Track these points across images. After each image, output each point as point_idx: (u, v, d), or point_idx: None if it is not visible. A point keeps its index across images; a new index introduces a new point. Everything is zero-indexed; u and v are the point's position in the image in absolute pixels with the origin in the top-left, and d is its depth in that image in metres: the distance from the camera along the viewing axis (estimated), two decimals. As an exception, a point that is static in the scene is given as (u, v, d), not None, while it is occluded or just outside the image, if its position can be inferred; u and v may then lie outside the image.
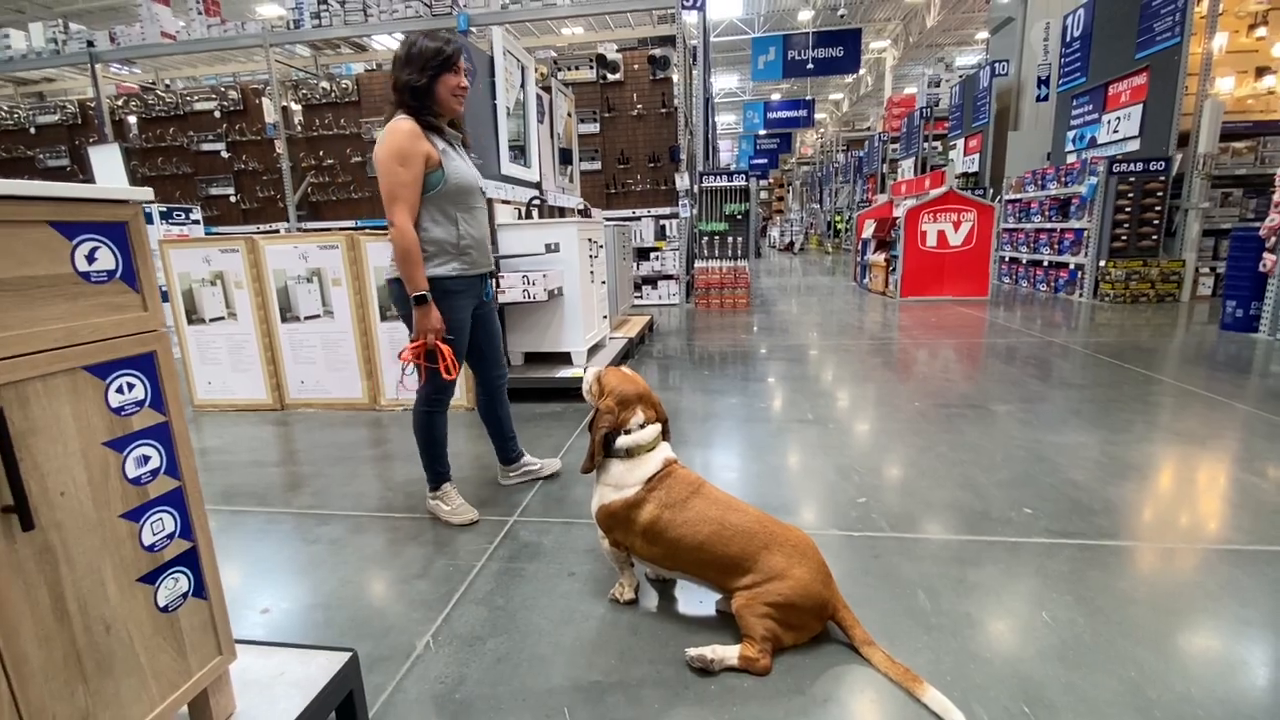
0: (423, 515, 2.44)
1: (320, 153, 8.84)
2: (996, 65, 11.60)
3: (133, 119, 9.23)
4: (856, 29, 15.23)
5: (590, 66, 8.12)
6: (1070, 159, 8.77)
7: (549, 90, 5.11)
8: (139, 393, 0.99)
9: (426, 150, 2.08)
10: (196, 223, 7.04)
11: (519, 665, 1.58)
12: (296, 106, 8.84)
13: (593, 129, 8.24)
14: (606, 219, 5.83)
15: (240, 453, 3.27)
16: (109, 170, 7.87)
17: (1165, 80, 7.05)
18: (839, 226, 20.97)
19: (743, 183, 7.76)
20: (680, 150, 8.06)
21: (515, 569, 2.04)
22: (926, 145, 14.72)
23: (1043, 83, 10.48)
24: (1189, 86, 6.97)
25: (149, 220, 6.04)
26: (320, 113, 8.73)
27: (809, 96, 23.14)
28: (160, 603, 1.02)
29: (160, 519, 1.02)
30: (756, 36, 16.29)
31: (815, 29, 15.48)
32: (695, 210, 7.98)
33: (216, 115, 8.98)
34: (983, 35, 17.16)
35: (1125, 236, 7.26)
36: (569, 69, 8.16)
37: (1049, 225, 8.44)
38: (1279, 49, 7.49)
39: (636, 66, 8.12)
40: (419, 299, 2.08)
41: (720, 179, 7.78)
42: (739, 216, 7.79)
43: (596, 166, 8.37)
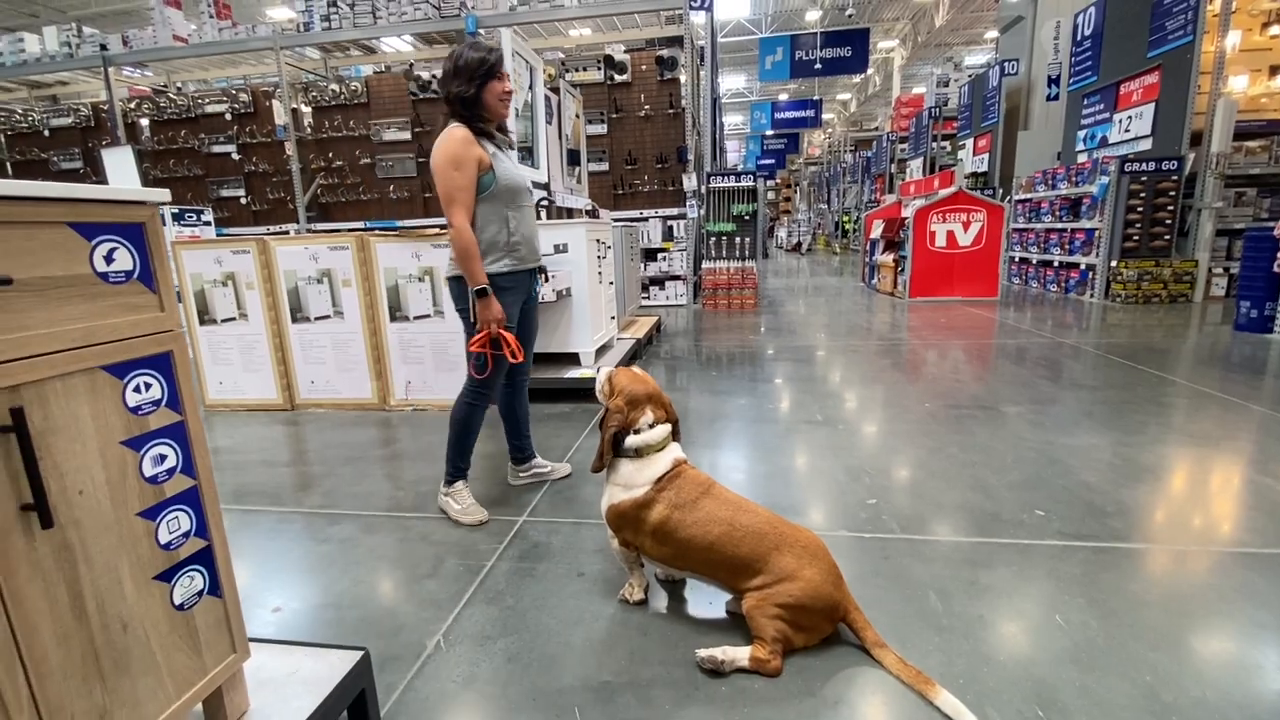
0: (432, 515, 2.45)
1: (330, 154, 8.89)
2: (1006, 64, 11.53)
3: (145, 121, 9.32)
4: (864, 29, 15.19)
5: (598, 67, 8.13)
6: (1081, 158, 8.71)
7: (557, 91, 5.12)
8: (156, 392, 1.00)
9: (479, 155, 2.21)
10: (208, 224, 7.10)
11: (529, 665, 1.59)
12: (306, 109, 8.89)
13: (600, 130, 8.25)
14: (614, 220, 5.84)
15: (251, 452, 3.30)
16: (122, 172, 7.95)
17: (1178, 79, 7.00)
18: (847, 227, 20.91)
19: (750, 183, 7.75)
20: (688, 151, 8.06)
21: (525, 569, 2.04)
22: (935, 145, 14.64)
23: (1053, 82, 10.41)
24: (1202, 85, 6.91)
25: (161, 222, 6.10)
26: (330, 115, 8.79)
27: (816, 96, 23.08)
28: (176, 601, 1.03)
29: (176, 517, 1.03)
30: (764, 37, 16.28)
31: (823, 29, 15.45)
32: (703, 211, 7.98)
33: (227, 117, 9.06)
34: (992, 34, 17.06)
35: (1137, 236, 7.20)
36: (577, 70, 8.18)
37: (1059, 225, 8.38)
38: (1293, 47, 7.41)
39: (644, 67, 8.13)
40: (480, 292, 2.21)
41: (728, 179, 7.77)
42: (746, 217, 7.78)
43: (604, 167, 8.38)
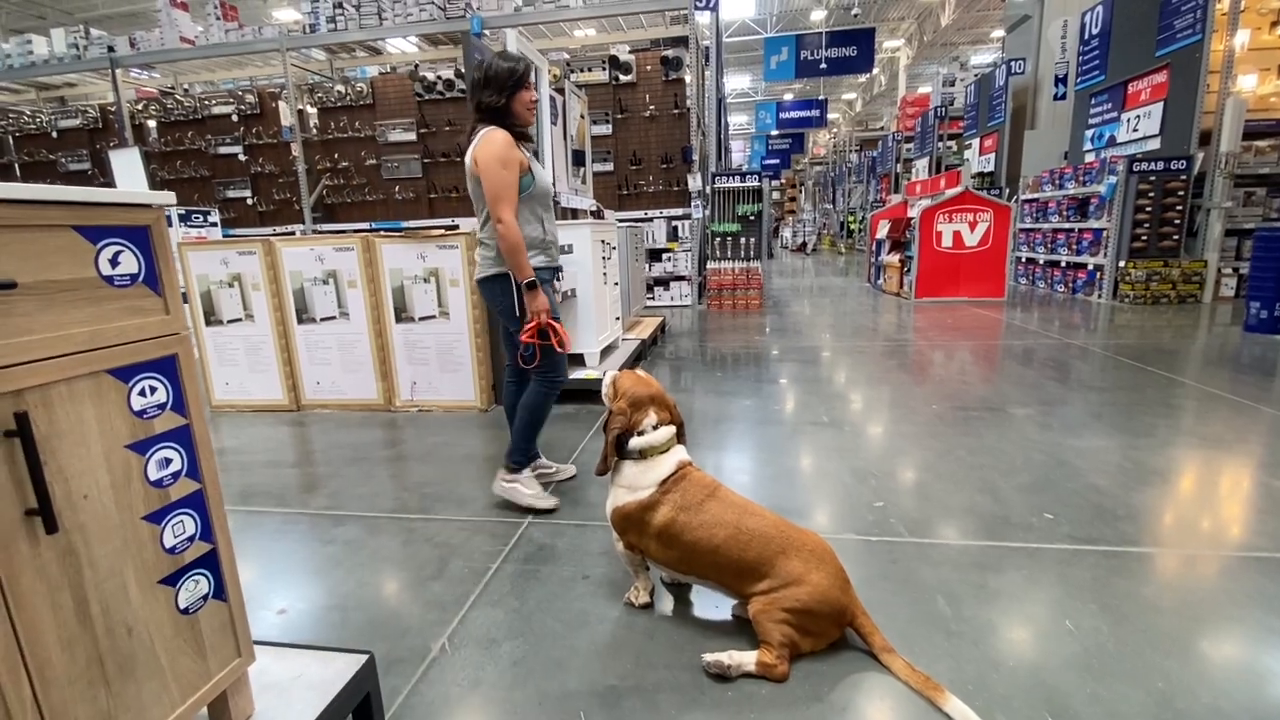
0: (437, 516, 2.44)
1: (335, 155, 8.92)
2: (1013, 64, 11.47)
3: (152, 123, 9.37)
4: (870, 28, 15.13)
5: (603, 68, 8.12)
6: (1089, 158, 8.66)
7: (562, 92, 5.11)
8: (161, 396, 0.99)
9: (520, 157, 2.31)
10: (214, 225, 7.13)
11: (535, 669, 1.58)
12: (312, 110, 8.92)
13: (605, 130, 8.24)
14: (619, 220, 5.83)
15: (257, 453, 3.30)
16: (129, 173, 7.99)
17: (1186, 78, 6.95)
18: (852, 227, 20.85)
19: (755, 183, 7.73)
20: (693, 151, 8.04)
21: (530, 571, 2.04)
22: (941, 145, 14.60)
23: (1060, 81, 10.35)
24: (1211, 84, 6.86)
25: (168, 223, 6.12)
26: (335, 116, 8.81)
27: (822, 96, 23.01)
28: (181, 605, 1.02)
29: (181, 521, 1.02)
30: (769, 36, 16.24)
31: (828, 29, 15.39)
32: (708, 211, 7.96)
33: (234, 119, 9.10)
34: (998, 34, 16.98)
35: (1146, 236, 7.15)
36: (582, 70, 8.17)
37: (1067, 225, 8.34)
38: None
39: (649, 68, 8.12)
40: (530, 285, 2.28)
41: (733, 180, 7.76)
42: (751, 217, 7.76)
43: (609, 168, 8.37)
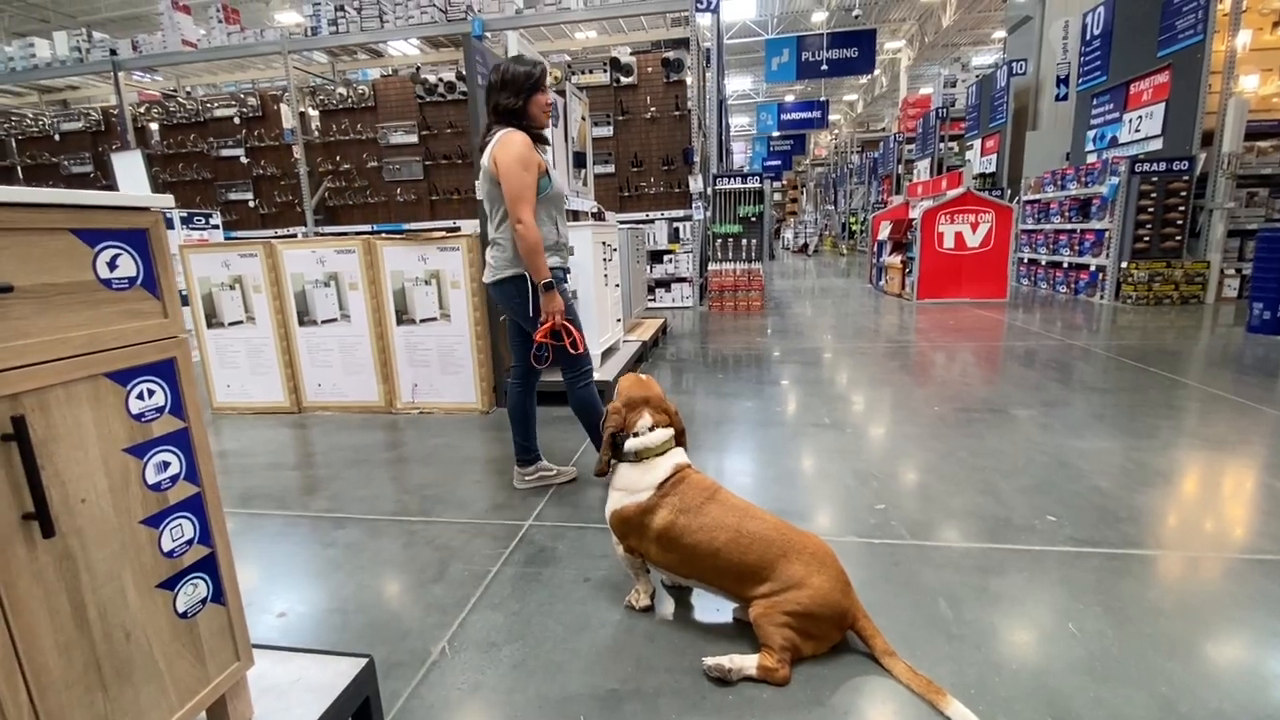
0: (439, 519, 2.44)
1: (337, 157, 8.94)
2: (1014, 64, 11.47)
3: (154, 125, 9.39)
4: (871, 30, 15.13)
5: (604, 70, 8.13)
6: (1090, 159, 8.64)
7: (563, 94, 5.11)
8: (159, 399, 0.99)
9: (539, 159, 2.34)
10: (216, 227, 7.14)
11: (534, 672, 1.57)
12: (314, 112, 8.94)
13: (607, 132, 8.25)
14: (620, 222, 5.83)
15: (258, 455, 3.30)
16: (131, 176, 8.00)
17: (1188, 78, 6.93)
18: (854, 228, 20.85)
19: (757, 185, 7.72)
20: (694, 153, 8.04)
21: (530, 574, 2.03)
22: (943, 146, 14.59)
23: (1062, 82, 10.34)
24: (1212, 85, 6.85)
25: (170, 225, 6.13)
26: (337, 118, 8.83)
27: (823, 98, 23.01)
28: (179, 609, 1.02)
29: (180, 525, 1.02)
30: (770, 38, 16.24)
31: (829, 30, 15.40)
32: (709, 213, 7.96)
33: (236, 121, 9.12)
34: (999, 34, 16.98)
35: (1148, 237, 7.14)
36: (583, 72, 8.18)
37: (1069, 226, 8.32)
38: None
39: (650, 69, 8.12)
40: (547, 285, 2.31)
41: (734, 181, 7.75)
42: (753, 219, 7.76)
43: (610, 169, 8.37)
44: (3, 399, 0.79)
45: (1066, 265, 8.39)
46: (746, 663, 1.50)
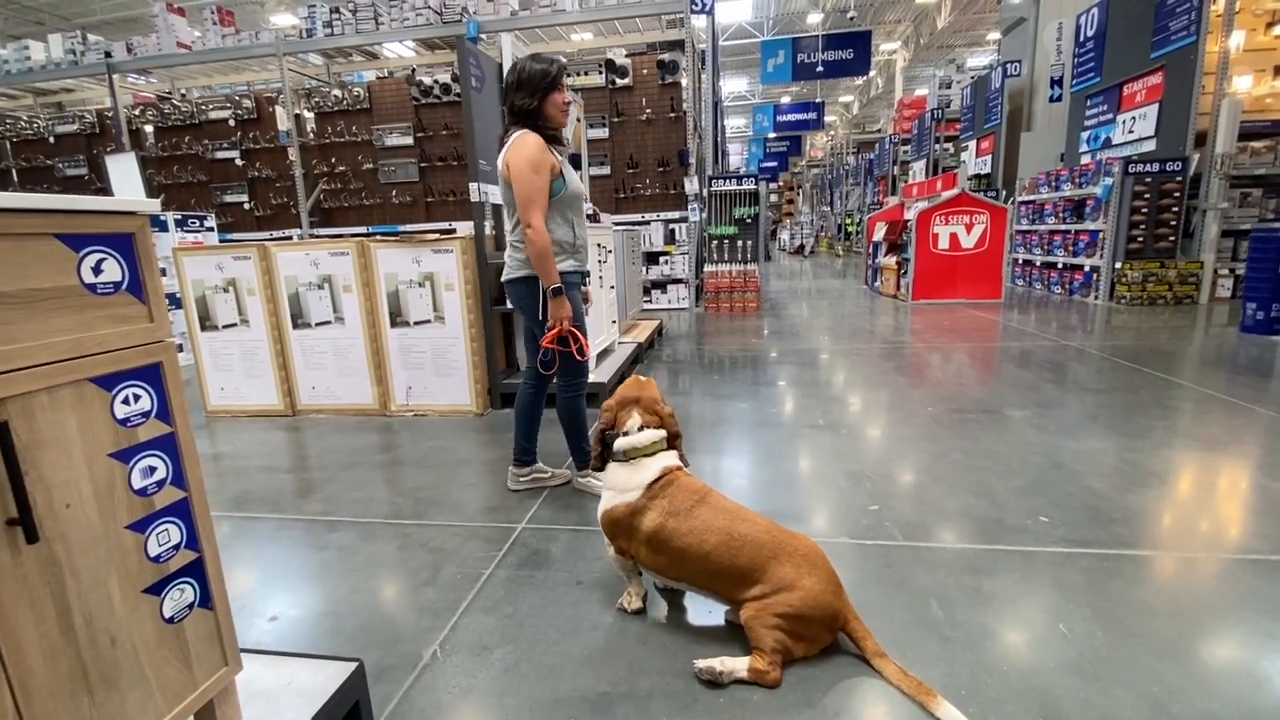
0: (431, 522, 2.44)
1: (333, 159, 8.92)
2: (1008, 66, 11.50)
3: (149, 128, 9.36)
4: (866, 31, 15.16)
5: (599, 72, 8.13)
6: (1085, 160, 8.68)
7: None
8: (145, 404, 0.99)
9: (552, 161, 2.32)
10: (211, 230, 7.10)
11: (526, 675, 1.57)
12: (309, 114, 8.92)
13: (602, 134, 8.25)
14: (615, 224, 5.83)
15: (252, 458, 3.29)
16: (126, 179, 7.97)
17: (1181, 79, 6.96)
18: (849, 229, 20.88)
19: (752, 186, 7.73)
20: (689, 154, 8.05)
21: (523, 577, 2.03)
22: (938, 147, 14.61)
23: (1056, 83, 10.38)
24: (1206, 85, 6.88)
25: (164, 228, 6.11)
26: (333, 120, 8.82)
27: (819, 99, 23.07)
28: (166, 614, 1.02)
29: (166, 530, 1.02)
30: (766, 40, 16.27)
31: (825, 31, 15.43)
32: (704, 214, 7.97)
33: (231, 123, 9.09)
34: (994, 36, 17.01)
35: (1142, 238, 7.17)
36: (578, 74, 8.18)
37: (1063, 227, 8.35)
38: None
39: (645, 71, 8.13)
40: (555, 290, 2.30)
41: (729, 182, 7.76)
42: (748, 220, 7.77)
43: (605, 171, 8.37)
44: (-15, 405, 0.79)
45: (1061, 266, 8.41)
46: (738, 665, 1.50)
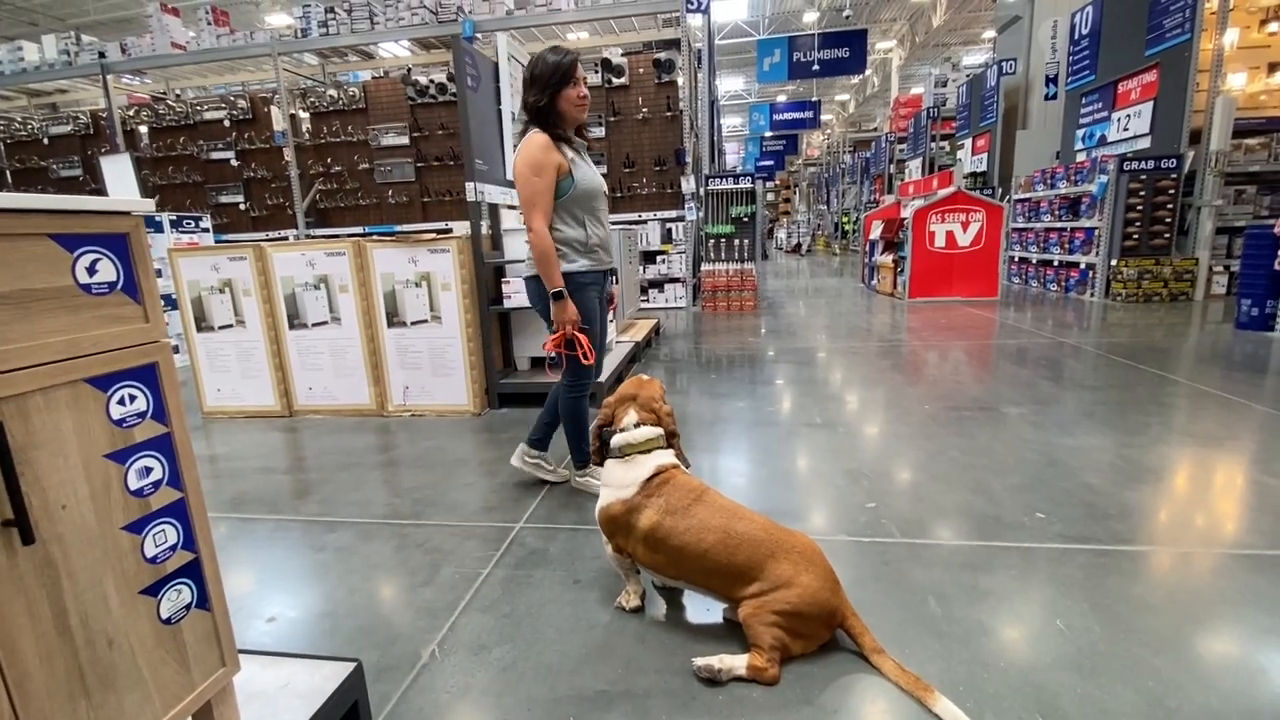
0: (429, 521, 2.44)
1: (328, 160, 8.90)
2: (1004, 64, 11.52)
3: (144, 129, 9.34)
4: (862, 30, 15.18)
5: (595, 71, 8.13)
6: (1080, 157, 8.70)
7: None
8: (141, 404, 0.98)
9: (558, 161, 2.28)
10: (206, 230, 7.08)
11: (524, 674, 1.57)
12: (304, 114, 8.90)
13: (598, 133, 8.25)
14: (612, 223, 5.82)
15: (249, 459, 3.29)
16: (121, 179, 7.94)
17: (1176, 77, 6.98)
18: (846, 228, 20.91)
19: (749, 185, 7.74)
20: (686, 153, 8.05)
21: (521, 576, 2.03)
22: (934, 145, 14.65)
23: (1051, 81, 10.41)
24: (1200, 83, 6.90)
25: (159, 229, 6.09)
26: (328, 120, 8.80)
27: (815, 98, 23.09)
28: (163, 615, 1.01)
29: (163, 530, 1.01)
30: (762, 38, 16.28)
31: (821, 30, 15.44)
32: (701, 213, 7.97)
33: (226, 124, 9.07)
34: (989, 34, 17.06)
35: (1137, 235, 7.19)
36: (574, 74, 8.17)
37: (1059, 224, 8.37)
38: (1292, 44, 7.40)
39: (641, 70, 8.13)
40: (556, 295, 2.29)
41: (726, 181, 7.77)
42: (745, 219, 7.77)
43: (602, 170, 8.37)
44: (-20, 405, 0.79)
45: (1057, 263, 8.44)
46: (736, 663, 1.50)
